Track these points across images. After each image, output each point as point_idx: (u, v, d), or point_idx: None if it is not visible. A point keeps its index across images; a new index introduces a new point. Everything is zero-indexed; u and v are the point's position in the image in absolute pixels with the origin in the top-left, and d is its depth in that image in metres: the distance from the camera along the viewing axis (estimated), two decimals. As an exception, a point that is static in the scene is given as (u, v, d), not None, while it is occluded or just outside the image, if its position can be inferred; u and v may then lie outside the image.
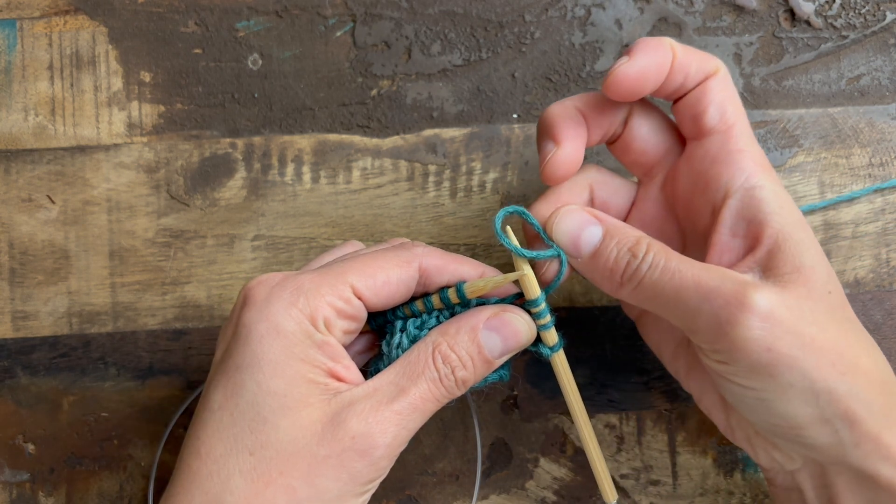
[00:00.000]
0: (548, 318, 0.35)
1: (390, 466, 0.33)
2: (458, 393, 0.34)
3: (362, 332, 0.37)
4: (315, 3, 0.44)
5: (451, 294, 0.34)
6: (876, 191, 0.43)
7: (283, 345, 0.32)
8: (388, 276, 0.34)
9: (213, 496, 0.31)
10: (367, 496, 0.33)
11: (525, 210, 0.34)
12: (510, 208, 0.34)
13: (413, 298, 0.35)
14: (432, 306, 0.35)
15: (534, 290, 0.34)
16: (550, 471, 0.42)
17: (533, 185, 0.43)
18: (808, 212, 0.43)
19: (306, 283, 0.33)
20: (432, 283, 0.35)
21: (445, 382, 0.33)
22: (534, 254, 0.34)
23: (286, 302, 0.32)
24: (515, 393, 0.42)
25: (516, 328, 0.34)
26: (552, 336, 0.35)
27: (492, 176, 0.43)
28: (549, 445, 0.42)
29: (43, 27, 0.44)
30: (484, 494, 0.42)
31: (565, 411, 0.42)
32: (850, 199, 0.43)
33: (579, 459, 0.42)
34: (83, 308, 0.43)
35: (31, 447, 0.42)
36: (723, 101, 0.33)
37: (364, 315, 0.34)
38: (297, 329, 0.32)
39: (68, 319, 0.43)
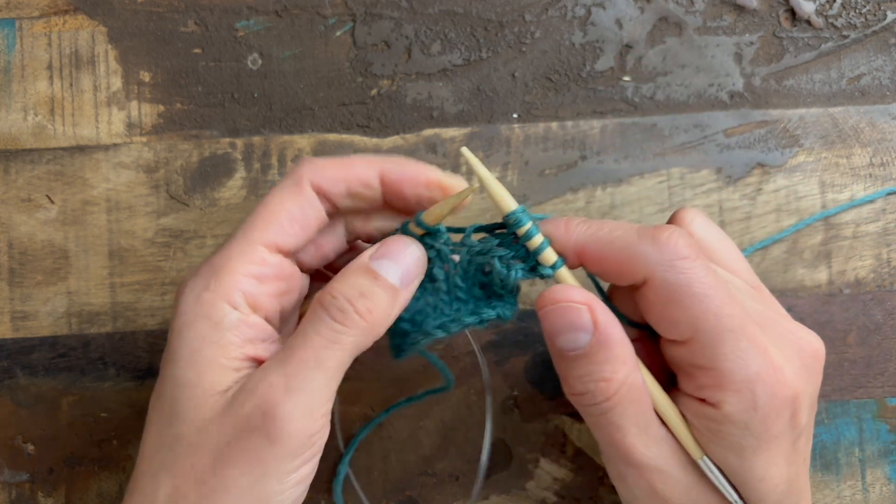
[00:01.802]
0: (539, 238, 0.32)
1: (314, 438, 0.30)
2: (364, 324, 0.30)
3: None
4: (315, 3, 0.44)
5: (413, 230, 0.32)
6: (889, 194, 0.43)
7: (197, 334, 0.30)
8: (289, 211, 0.32)
9: (150, 497, 0.30)
10: (297, 478, 0.30)
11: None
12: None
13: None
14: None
15: (508, 202, 0.32)
16: (551, 471, 0.42)
17: (533, 184, 0.43)
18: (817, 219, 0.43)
19: (216, 261, 0.31)
20: (334, 194, 0.32)
21: (338, 316, 0.30)
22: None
23: (199, 289, 0.31)
24: (515, 393, 0.42)
25: (404, 248, 0.32)
26: (549, 255, 0.32)
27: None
28: (549, 446, 0.42)
29: (42, 27, 0.44)
30: (484, 495, 0.42)
31: (565, 412, 0.42)
32: (862, 204, 0.43)
33: (580, 460, 0.42)
34: (82, 308, 0.43)
35: (30, 447, 0.42)
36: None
37: (292, 270, 0.32)
38: (210, 313, 0.30)
39: (68, 320, 0.43)
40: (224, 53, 0.44)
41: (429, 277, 0.33)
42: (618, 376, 0.30)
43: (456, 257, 0.33)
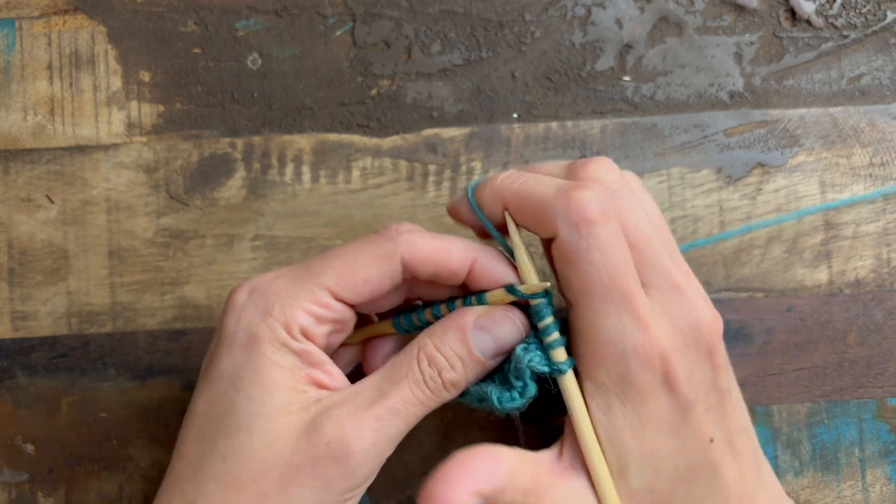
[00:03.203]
0: (555, 335, 0.32)
1: (373, 474, 0.32)
2: (447, 396, 0.32)
3: (382, 337, 0.36)
4: (315, 3, 0.44)
5: (520, 290, 0.33)
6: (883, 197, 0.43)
7: (263, 353, 0.31)
8: (368, 273, 0.32)
9: (188, 500, 0.31)
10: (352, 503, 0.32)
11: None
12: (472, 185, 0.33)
13: (424, 305, 0.34)
14: (440, 314, 0.34)
15: (533, 282, 0.32)
16: (551, 471, 0.42)
17: (533, 184, 0.43)
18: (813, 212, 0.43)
19: (282, 290, 0.32)
20: (421, 273, 0.33)
21: (431, 385, 0.32)
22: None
23: (262, 310, 0.31)
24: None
25: (508, 325, 0.33)
26: (560, 354, 0.33)
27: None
28: (549, 446, 0.42)
29: (42, 27, 0.44)
30: None
31: (565, 411, 0.42)
32: (851, 204, 0.43)
33: (579, 460, 0.42)
34: (82, 308, 0.43)
35: (30, 447, 0.42)
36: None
37: (349, 315, 0.33)
38: (273, 338, 0.31)
39: (67, 319, 0.43)
40: (224, 53, 0.44)
41: None
42: (513, 494, 0.31)
43: None
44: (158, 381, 0.42)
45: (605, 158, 0.34)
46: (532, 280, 0.32)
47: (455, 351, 0.32)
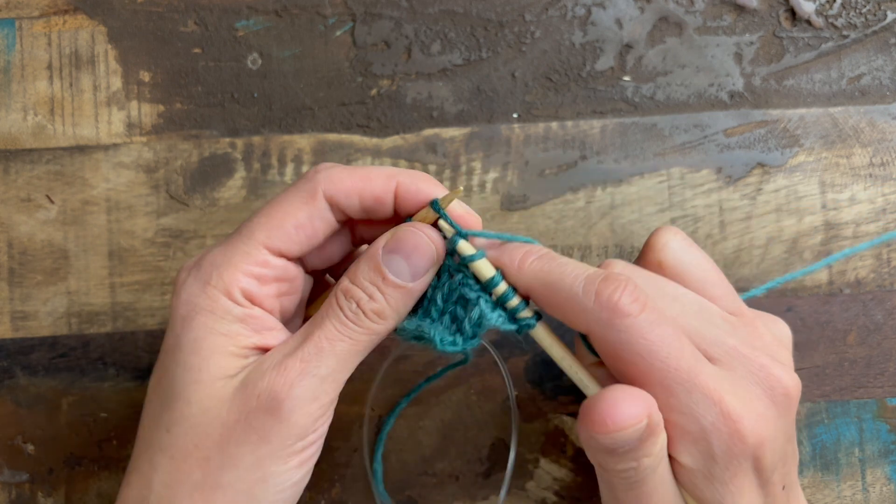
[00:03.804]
0: (516, 300, 0.32)
1: (316, 424, 0.31)
2: (374, 326, 0.31)
3: None
4: (315, 3, 0.44)
5: (427, 215, 0.32)
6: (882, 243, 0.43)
7: (202, 323, 0.31)
8: (297, 218, 0.31)
9: (145, 476, 0.31)
10: (297, 460, 0.31)
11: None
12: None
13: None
14: None
15: (487, 268, 0.32)
16: (551, 471, 0.42)
17: (533, 184, 0.43)
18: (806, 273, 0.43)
19: (218, 256, 0.31)
20: (347, 207, 0.32)
21: (352, 317, 0.31)
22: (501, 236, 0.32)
23: (201, 282, 0.31)
24: (516, 393, 0.42)
25: (415, 242, 0.31)
26: (527, 313, 0.32)
27: (492, 176, 0.43)
28: (549, 446, 0.42)
29: (42, 27, 0.44)
30: (484, 495, 0.42)
31: (565, 412, 0.42)
32: (829, 265, 0.43)
33: (579, 460, 0.42)
34: (82, 308, 0.43)
35: (30, 447, 0.42)
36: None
37: (294, 271, 0.33)
38: (214, 307, 0.31)
39: (67, 320, 0.43)
40: (224, 53, 0.44)
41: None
42: (657, 448, 0.30)
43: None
44: (158, 381, 0.42)
45: (611, 261, 0.33)
46: (490, 269, 0.32)
47: (369, 279, 0.31)
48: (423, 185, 0.33)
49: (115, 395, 0.42)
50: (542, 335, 0.33)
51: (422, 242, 0.32)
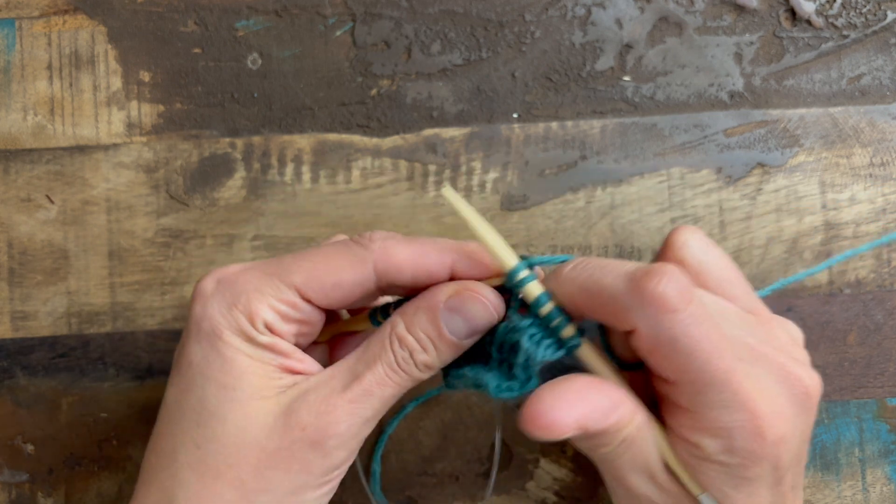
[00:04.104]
0: (560, 318, 0.31)
1: (352, 455, 0.31)
2: (421, 377, 0.32)
3: (352, 335, 0.36)
4: (315, 3, 0.44)
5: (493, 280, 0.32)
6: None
7: (230, 343, 0.31)
8: (340, 278, 0.32)
9: (168, 490, 0.31)
10: (330, 486, 0.32)
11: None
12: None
13: (403, 299, 0.34)
14: None
15: (534, 289, 0.31)
16: (551, 471, 0.42)
17: (533, 184, 0.43)
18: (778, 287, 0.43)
19: (249, 283, 0.31)
20: (397, 280, 0.32)
21: (403, 366, 0.31)
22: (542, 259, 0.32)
23: (228, 302, 0.31)
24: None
25: (478, 305, 0.31)
26: (569, 331, 0.31)
27: (492, 176, 0.43)
28: (549, 446, 0.42)
29: (42, 27, 0.44)
30: (483, 496, 0.42)
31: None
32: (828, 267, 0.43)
33: (579, 460, 0.42)
34: (82, 308, 0.43)
35: (30, 448, 0.42)
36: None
37: (317, 316, 0.33)
38: (237, 329, 0.31)
39: (67, 320, 0.43)
40: (224, 53, 0.44)
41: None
42: (613, 441, 0.30)
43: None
44: (158, 381, 0.42)
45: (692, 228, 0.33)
46: (507, 257, 0.31)
47: (426, 332, 0.31)
48: (479, 268, 0.32)
49: (115, 395, 0.42)
50: (588, 353, 0.32)
51: (486, 310, 0.32)
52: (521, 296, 0.32)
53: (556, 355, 0.31)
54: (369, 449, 0.42)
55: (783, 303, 0.43)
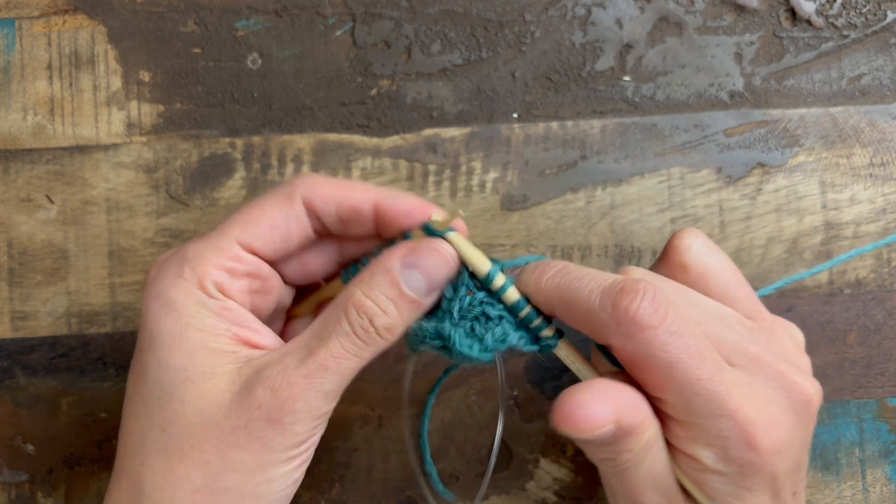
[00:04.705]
0: (539, 321, 0.32)
1: (317, 430, 0.31)
2: (382, 343, 0.31)
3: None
4: (315, 3, 0.44)
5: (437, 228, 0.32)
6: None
7: (177, 318, 0.31)
8: (272, 218, 0.32)
9: (136, 476, 0.31)
10: (299, 461, 0.31)
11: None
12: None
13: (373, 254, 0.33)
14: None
15: (514, 294, 0.31)
16: (551, 471, 0.42)
17: (533, 184, 0.43)
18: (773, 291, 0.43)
19: (190, 251, 0.31)
20: (325, 213, 0.32)
21: (361, 334, 0.30)
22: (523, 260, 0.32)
23: (173, 274, 0.31)
24: (516, 393, 0.42)
25: (436, 258, 0.31)
26: (548, 332, 0.32)
27: (492, 176, 0.43)
28: (549, 446, 0.42)
29: (42, 27, 0.44)
30: (484, 495, 0.42)
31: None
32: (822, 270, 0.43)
33: (579, 460, 0.42)
34: (82, 308, 0.43)
35: (30, 447, 0.42)
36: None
37: (266, 270, 0.33)
38: (187, 300, 0.31)
39: (67, 319, 0.43)
40: (224, 53, 0.44)
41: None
42: (637, 445, 0.30)
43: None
44: (158, 381, 0.42)
45: (630, 268, 0.33)
46: (482, 262, 0.31)
47: (385, 293, 0.31)
48: (406, 202, 0.32)
49: (115, 395, 0.42)
50: (565, 354, 0.32)
51: (443, 260, 0.31)
52: (499, 295, 0.32)
53: (528, 348, 0.32)
54: (416, 452, 0.42)
55: (783, 303, 0.43)
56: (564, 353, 0.32)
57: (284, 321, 0.38)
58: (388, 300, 0.31)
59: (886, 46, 0.44)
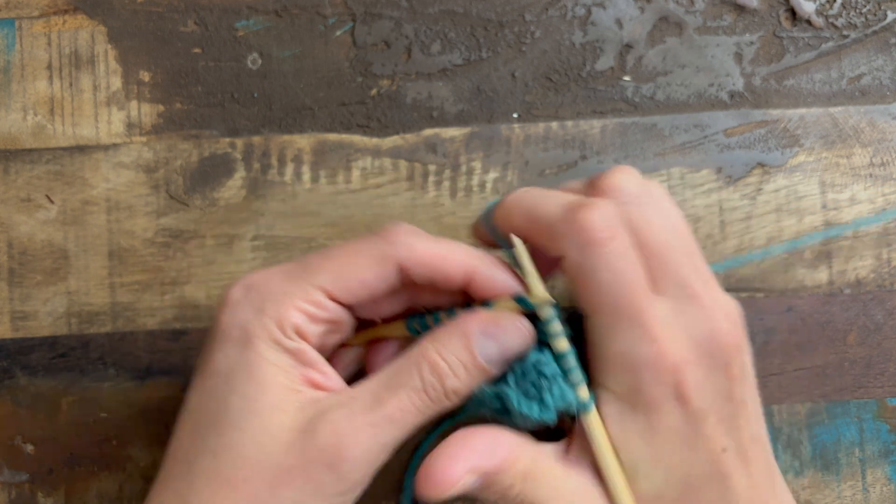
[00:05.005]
0: (579, 375, 0.32)
1: (366, 480, 0.31)
2: (446, 405, 0.32)
3: (387, 340, 0.36)
4: (315, 3, 0.44)
5: (527, 302, 0.32)
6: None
7: (255, 352, 0.31)
8: (364, 275, 0.32)
9: (181, 497, 0.31)
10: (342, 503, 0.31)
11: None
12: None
13: (439, 309, 0.34)
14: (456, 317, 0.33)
15: (562, 344, 0.32)
16: (551, 471, 0.42)
17: (533, 184, 0.43)
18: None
19: (276, 288, 0.32)
20: (418, 277, 0.33)
21: (431, 393, 0.31)
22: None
23: (256, 307, 0.31)
24: (515, 393, 0.42)
25: (515, 333, 0.32)
26: (584, 391, 0.32)
27: (492, 176, 0.43)
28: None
29: (42, 26, 0.44)
30: (484, 495, 0.42)
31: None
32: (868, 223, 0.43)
33: (580, 460, 0.42)
34: (82, 308, 0.43)
35: (30, 448, 0.42)
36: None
37: (344, 316, 0.33)
38: (266, 335, 0.31)
39: (67, 319, 0.43)
40: (224, 53, 0.44)
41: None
42: (514, 479, 0.31)
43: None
44: (158, 382, 0.42)
45: (628, 168, 0.33)
46: (540, 291, 0.32)
47: (458, 357, 0.31)
48: (499, 280, 0.33)
49: (115, 395, 0.42)
50: (595, 424, 0.32)
51: (522, 338, 0.32)
52: (550, 340, 0.32)
53: (574, 407, 0.32)
54: (390, 471, 0.42)
55: (783, 303, 0.43)
56: (595, 423, 0.32)
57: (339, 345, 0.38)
58: (460, 364, 0.31)
59: (886, 46, 0.44)
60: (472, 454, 0.30)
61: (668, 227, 0.32)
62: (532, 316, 0.33)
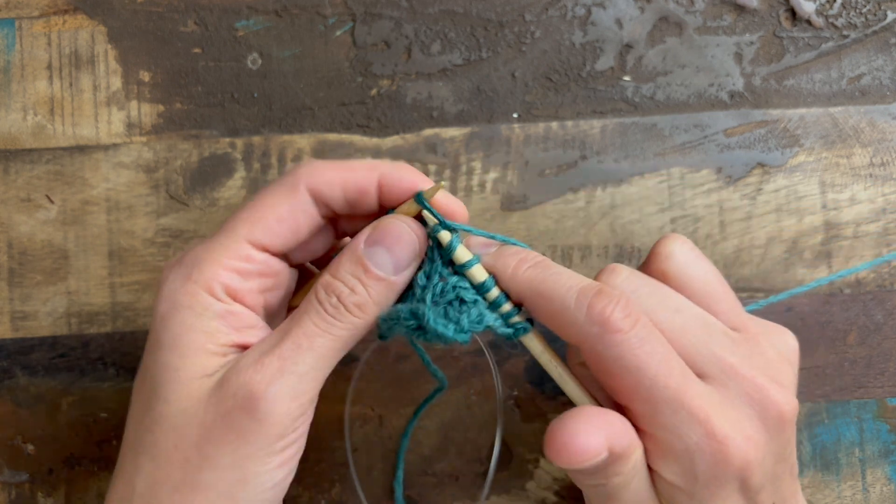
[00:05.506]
0: (508, 306, 0.32)
1: (295, 423, 0.30)
2: (355, 320, 0.31)
3: None
4: (315, 3, 0.44)
5: (410, 207, 0.32)
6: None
7: (181, 321, 0.30)
8: (279, 211, 0.31)
9: (127, 477, 0.31)
10: (279, 460, 0.30)
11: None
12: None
13: None
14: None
15: (480, 273, 0.31)
16: (550, 471, 0.42)
17: (533, 184, 0.43)
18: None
19: (199, 253, 0.31)
20: (331, 201, 0.32)
21: (332, 311, 0.30)
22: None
23: (182, 277, 0.31)
24: (516, 393, 0.42)
25: (398, 233, 0.31)
26: (519, 319, 0.32)
27: (492, 176, 0.43)
28: (549, 446, 0.42)
29: (42, 27, 0.44)
30: (482, 496, 0.42)
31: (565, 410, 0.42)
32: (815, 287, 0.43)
33: (579, 460, 0.42)
34: (82, 308, 0.43)
35: (30, 448, 0.42)
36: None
37: (279, 266, 0.32)
38: (193, 303, 0.30)
39: (67, 320, 0.43)
40: (224, 53, 0.44)
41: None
42: (627, 469, 0.30)
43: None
44: (158, 381, 0.42)
45: (618, 266, 0.32)
46: (467, 253, 0.31)
47: (351, 272, 0.31)
48: (406, 176, 0.32)
49: (115, 395, 0.42)
50: (534, 342, 0.33)
51: (404, 233, 0.31)
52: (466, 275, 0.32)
53: (502, 330, 0.32)
54: (390, 471, 0.42)
55: (783, 303, 0.43)
56: (534, 341, 0.32)
57: (287, 312, 0.37)
58: (353, 278, 0.31)
59: (886, 46, 0.44)
60: (610, 430, 0.29)
61: (673, 308, 0.32)
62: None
